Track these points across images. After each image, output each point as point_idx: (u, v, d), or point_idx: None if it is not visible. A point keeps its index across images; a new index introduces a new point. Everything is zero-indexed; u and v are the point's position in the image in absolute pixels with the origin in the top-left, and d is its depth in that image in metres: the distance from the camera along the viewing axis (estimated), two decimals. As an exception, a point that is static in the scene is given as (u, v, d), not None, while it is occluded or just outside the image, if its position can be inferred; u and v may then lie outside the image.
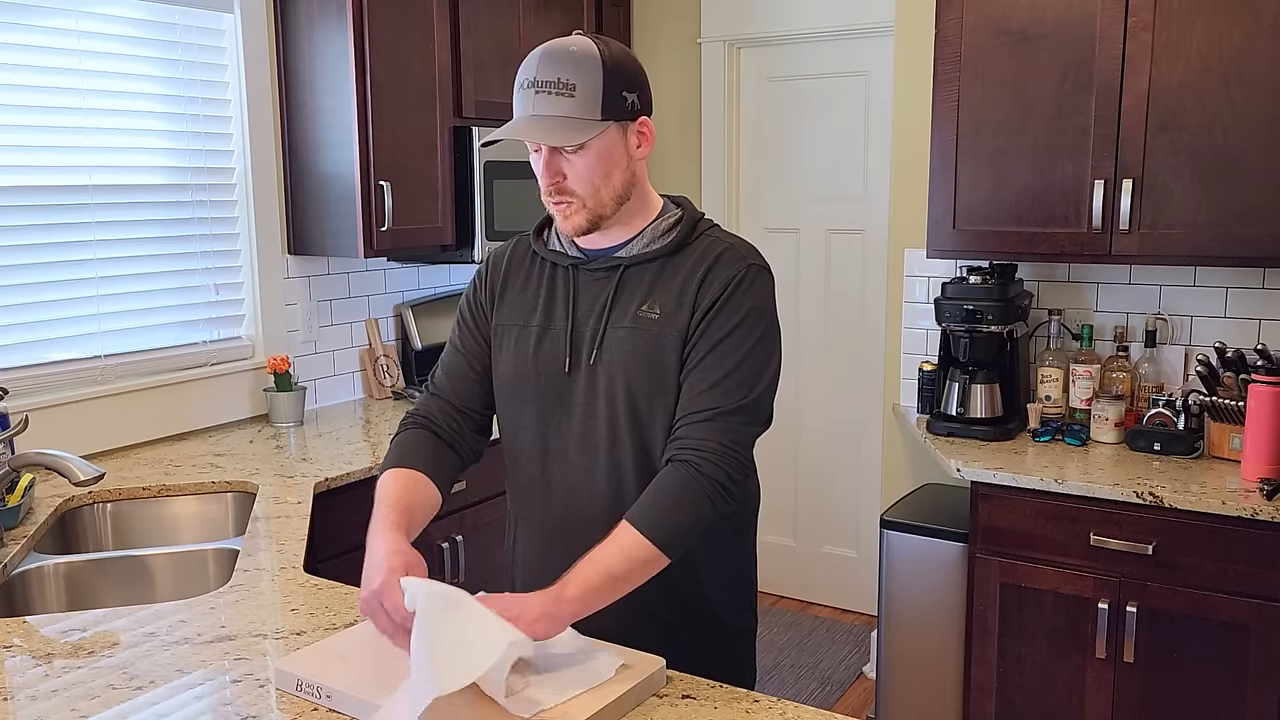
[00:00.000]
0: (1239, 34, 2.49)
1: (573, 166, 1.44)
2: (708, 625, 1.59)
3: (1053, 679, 2.63)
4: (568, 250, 1.56)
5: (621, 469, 1.50)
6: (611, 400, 1.49)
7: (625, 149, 1.46)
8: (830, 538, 4.11)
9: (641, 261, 1.50)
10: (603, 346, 1.48)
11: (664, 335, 1.46)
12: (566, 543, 1.50)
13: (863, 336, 3.92)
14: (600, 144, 1.43)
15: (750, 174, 4.10)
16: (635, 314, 1.48)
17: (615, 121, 1.44)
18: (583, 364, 1.50)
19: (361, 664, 1.36)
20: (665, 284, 1.48)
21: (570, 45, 1.42)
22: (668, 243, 1.51)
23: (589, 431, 1.51)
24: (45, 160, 2.62)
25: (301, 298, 3.25)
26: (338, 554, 2.52)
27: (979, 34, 2.81)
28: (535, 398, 1.54)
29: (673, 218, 1.54)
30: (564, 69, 1.40)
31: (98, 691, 1.40)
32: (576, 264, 1.54)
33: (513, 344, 1.57)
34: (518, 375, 1.56)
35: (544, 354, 1.53)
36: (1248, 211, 2.53)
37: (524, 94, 1.42)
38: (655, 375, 1.47)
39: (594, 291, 1.52)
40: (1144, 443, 2.74)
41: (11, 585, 1.95)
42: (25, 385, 2.56)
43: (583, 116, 1.40)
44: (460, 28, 3.21)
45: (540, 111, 1.40)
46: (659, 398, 1.47)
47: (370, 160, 2.97)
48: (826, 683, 3.55)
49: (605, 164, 1.44)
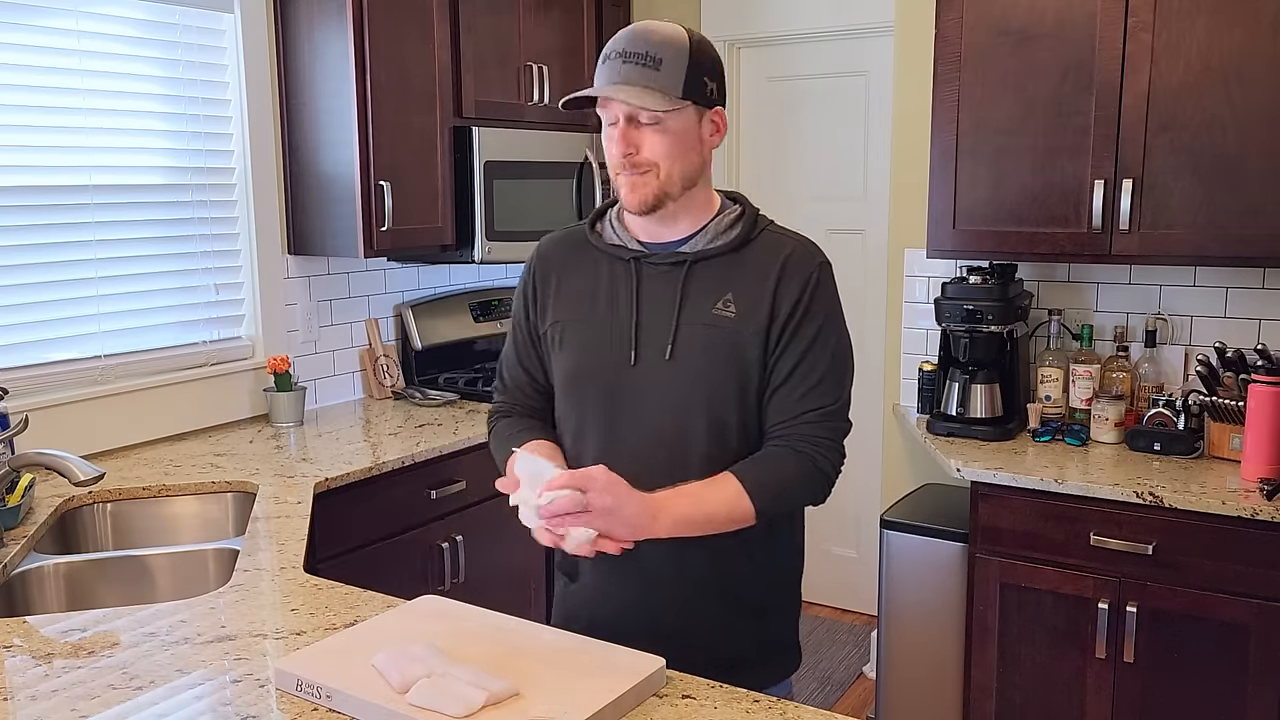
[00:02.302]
0: (1239, 34, 2.49)
1: (648, 140, 1.45)
2: (757, 614, 1.60)
3: (1053, 679, 2.63)
4: (628, 244, 1.56)
5: (689, 463, 1.50)
6: (688, 395, 1.50)
7: (699, 134, 1.49)
8: (830, 538, 4.11)
9: (708, 257, 1.52)
10: (677, 342, 1.49)
11: (742, 333, 1.49)
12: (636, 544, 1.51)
13: (863, 336, 3.92)
14: (677, 122, 1.45)
15: (750, 174, 4.10)
16: (711, 311, 1.49)
17: (694, 104, 1.46)
18: (653, 358, 1.51)
19: (361, 664, 1.36)
20: (737, 281, 1.50)
21: (660, 25, 1.47)
22: (732, 238, 1.53)
23: (659, 425, 1.51)
24: (45, 160, 2.62)
25: (301, 298, 3.25)
26: (338, 554, 2.52)
27: (979, 34, 2.81)
28: (600, 392, 1.54)
29: (734, 214, 1.56)
30: (652, 44, 1.43)
31: (98, 691, 1.40)
32: (639, 257, 1.54)
33: (573, 339, 1.57)
34: (580, 369, 1.56)
35: (608, 347, 1.53)
36: (1248, 211, 2.53)
37: (610, 63, 1.44)
38: (736, 371, 1.49)
39: (659, 285, 1.52)
40: (1144, 443, 2.74)
41: (11, 585, 1.95)
42: (25, 385, 2.56)
43: (665, 90, 1.43)
44: (460, 28, 3.21)
45: (626, 80, 1.43)
46: (736, 394, 1.50)
47: (370, 160, 2.97)
48: (826, 683, 3.55)
49: (680, 143, 1.46)
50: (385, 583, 1.99)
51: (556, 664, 1.36)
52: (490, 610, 1.54)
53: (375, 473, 2.61)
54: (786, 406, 1.50)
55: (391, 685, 1.29)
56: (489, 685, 1.27)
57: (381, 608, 1.65)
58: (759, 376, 1.50)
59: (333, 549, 2.51)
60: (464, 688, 1.26)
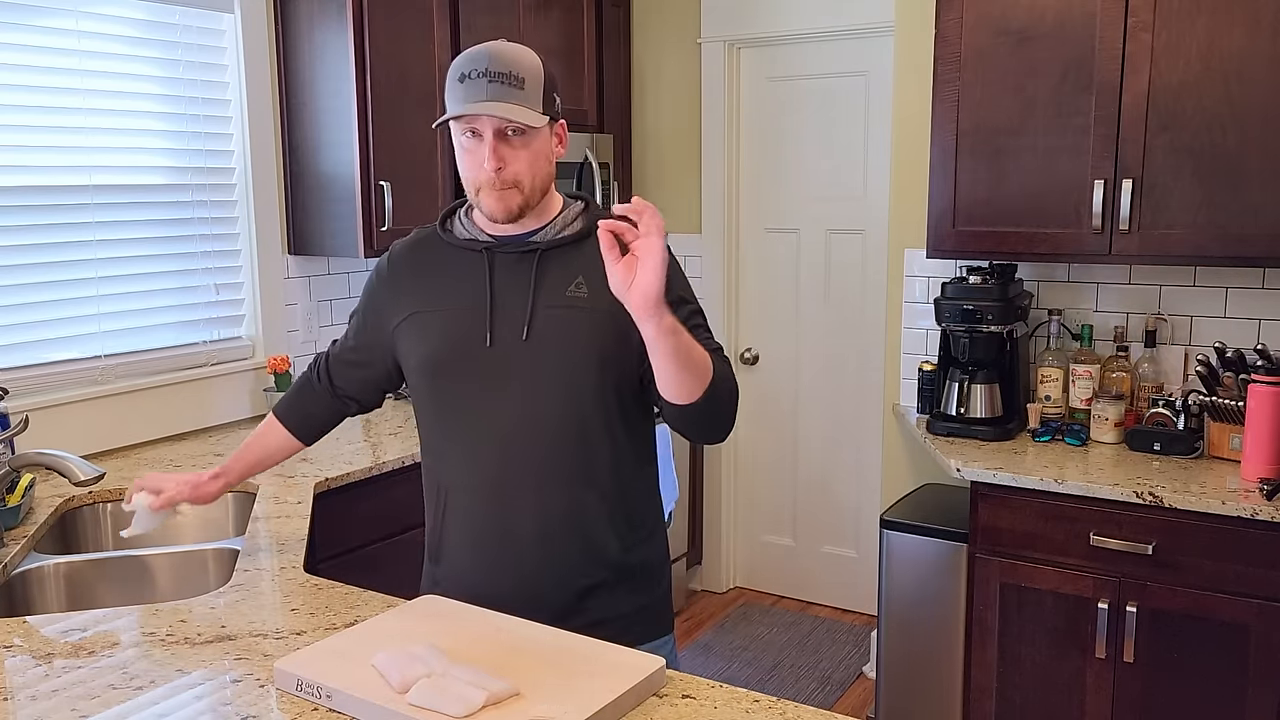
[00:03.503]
0: (1239, 34, 2.49)
1: (516, 155, 1.54)
2: (629, 572, 1.67)
3: (1053, 679, 2.63)
4: (478, 237, 1.65)
5: (553, 438, 1.60)
6: (547, 373, 1.59)
7: (550, 145, 1.60)
8: (830, 538, 4.11)
9: (557, 245, 1.62)
10: (534, 324, 1.59)
11: (598, 310, 1.57)
12: (499, 501, 1.62)
13: (863, 337, 3.92)
14: (540, 136, 1.56)
15: (750, 174, 4.10)
16: (565, 294, 1.59)
17: (550, 119, 1.57)
18: (510, 339, 1.59)
19: (361, 664, 1.36)
20: (586, 266, 1.58)
21: (510, 45, 1.55)
22: (579, 229, 1.63)
23: (521, 403, 1.60)
24: (45, 160, 2.62)
25: (301, 298, 3.25)
26: (338, 554, 2.52)
27: (979, 34, 2.81)
28: (456, 375, 1.63)
29: (577, 208, 1.67)
30: (513, 64, 1.52)
31: (98, 691, 1.40)
32: (491, 247, 1.63)
33: (427, 327, 1.65)
34: (436, 355, 1.64)
35: (464, 331, 1.61)
36: (1248, 211, 2.53)
37: (474, 82, 1.51)
38: (596, 346, 1.58)
39: (512, 273, 1.62)
40: (1144, 443, 2.74)
41: (11, 585, 1.95)
42: (25, 385, 2.56)
43: (532, 107, 1.53)
44: (460, 28, 3.21)
45: (498, 98, 1.50)
46: (596, 367, 1.59)
47: (370, 160, 2.97)
48: (826, 683, 3.55)
49: (540, 155, 1.57)
50: (385, 583, 1.99)
51: (556, 664, 1.36)
52: (490, 610, 1.54)
53: (375, 473, 2.61)
54: None
55: (391, 685, 1.29)
56: (489, 685, 1.27)
57: (381, 608, 1.65)
58: (617, 352, 1.57)
59: (333, 549, 2.51)
60: (464, 688, 1.26)
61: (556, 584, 1.63)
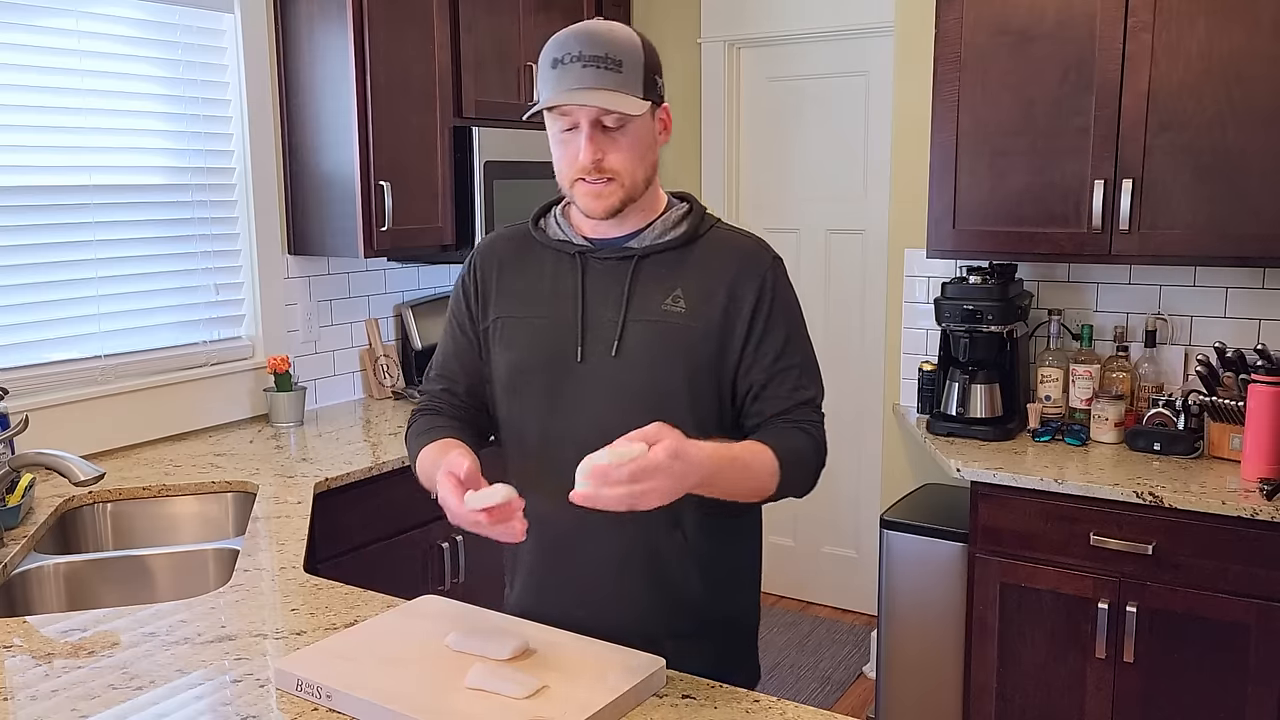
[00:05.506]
0: (1239, 34, 2.49)
1: (616, 144, 1.42)
2: (712, 626, 1.58)
3: (1053, 679, 2.63)
4: (573, 239, 1.53)
5: None
6: (634, 392, 1.46)
7: (653, 133, 1.47)
8: (830, 538, 4.11)
9: (656, 252, 1.50)
10: (624, 339, 1.47)
11: (692, 330, 1.47)
12: (571, 532, 1.51)
13: (863, 336, 3.92)
14: (641, 124, 1.43)
15: (750, 174, 4.10)
16: (660, 307, 1.47)
17: (651, 104, 1.44)
18: (600, 355, 1.48)
19: (361, 664, 1.36)
20: (686, 277, 1.48)
21: (609, 25, 1.42)
22: (680, 234, 1.51)
23: (604, 423, 1.43)
24: (45, 160, 2.61)
25: (301, 298, 3.25)
26: (338, 554, 2.52)
27: (979, 34, 2.81)
28: (542, 389, 1.51)
29: (681, 210, 1.54)
30: (609, 46, 1.39)
31: (98, 691, 1.40)
32: (585, 251, 1.51)
33: (516, 334, 1.54)
34: (522, 367, 1.53)
35: (554, 344, 1.50)
36: (1248, 211, 2.53)
37: (567, 68, 1.39)
38: (684, 367, 1.47)
39: (607, 280, 1.49)
40: (1144, 443, 2.74)
41: (11, 585, 1.95)
42: (25, 385, 2.56)
43: (631, 92, 1.40)
44: (460, 28, 3.21)
45: (591, 84, 1.38)
46: (685, 389, 1.47)
47: (370, 160, 2.97)
48: (826, 683, 3.55)
49: (642, 144, 1.44)
50: (385, 583, 1.99)
51: (556, 664, 1.36)
52: (490, 610, 1.54)
53: (375, 473, 2.61)
54: (781, 396, 1.49)
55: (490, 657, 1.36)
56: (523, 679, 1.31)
57: (381, 608, 1.65)
58: (710, 373, 1.48)
59: (333, 549, 2.51)
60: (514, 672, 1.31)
61: (627, 631, 1.46)
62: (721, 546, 1.56)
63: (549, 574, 1.56)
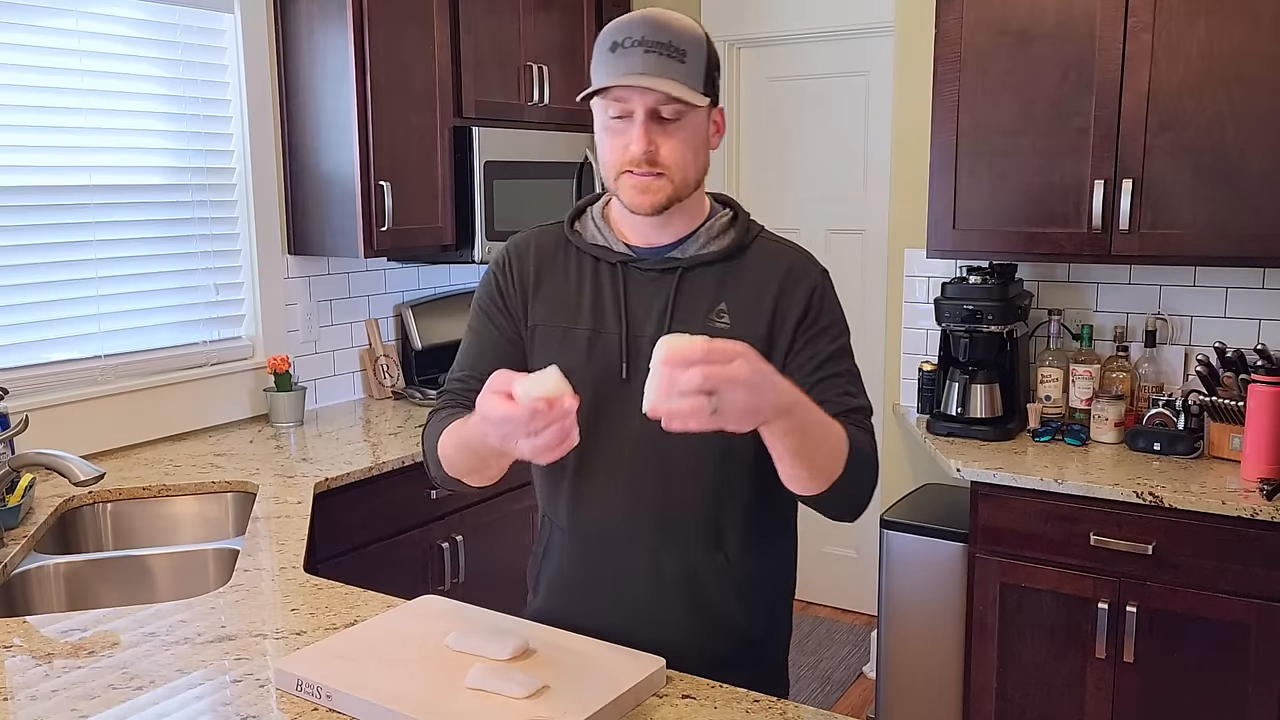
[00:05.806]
0: (1239, 34, 2.49)
1: (670, 138, 1.35)
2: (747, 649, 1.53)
3: (1053, 679, 2.63)
4: (613, 245, 1.46)
5: (671, 478, 1.43)
6: None
7: (707, 132, 1.41)
8: (830, 538, 4.11)
9: (701, 264, 1.43)
10: None
11: None
12: (606, 551, 1.47)
13: (863, 336, 3.92)
14: (698, 119, 1.37)
15: (750, 174, 4.10)
16: (704, 322, 1.40)
17: (710, 100, 1.38)
18: (642, 374, 1.36)
19: (361, 664, 1.36)
20: (731, 292, 1.42)
21: (674, 14, 1.36)
22: (725, 245, 1.45)
23: (646, 442, 1.40)
24: (45, 160, 2.61)
25: (301, 298, 3.25)
26: (338, 554, 2.52)
27: (979, 34, 2.81)
28: (586, 406, 1.35)
29: (726, 218, 1.48)
30: (674, 34, 1.33)
31: (98, 691, 1.39)
32: (627, 261, 1.44)
33: (557, 347, 1.46)
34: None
35: (597, 359, 1.43)
36: (1248, 211, 2.53)
37: (628, 51, 1.32)
38: None
39: (649, 293, 1.43)
40: (1144, 443, 2.74)
41: (11, 585, 1.95)
42: (25, 385, 2.56)
43: (692, 85, 1.34)
44: (460, 28, 3.21)
45: (654, 70, 1.31)
46: None
47: (370, 160, 2.97)
48: (826, 683, 3.55)
49: (697, 140, 1.38)
50: (385, 583, 1.99)
51: (556, 664, 1.36)
52: (490, 610, 1.54)
53: (375, 473, 2.61)
54: (830, 400, 1.39)
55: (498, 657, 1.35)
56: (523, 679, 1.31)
57: (381, 608, 1.65)
58: None
59: (333, 549, 2.51)
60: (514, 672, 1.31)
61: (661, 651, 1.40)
62: (761, 569, 1.52)
63: (578, 585, 1.51)
